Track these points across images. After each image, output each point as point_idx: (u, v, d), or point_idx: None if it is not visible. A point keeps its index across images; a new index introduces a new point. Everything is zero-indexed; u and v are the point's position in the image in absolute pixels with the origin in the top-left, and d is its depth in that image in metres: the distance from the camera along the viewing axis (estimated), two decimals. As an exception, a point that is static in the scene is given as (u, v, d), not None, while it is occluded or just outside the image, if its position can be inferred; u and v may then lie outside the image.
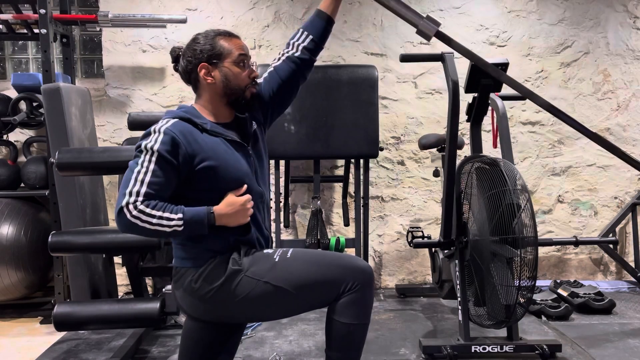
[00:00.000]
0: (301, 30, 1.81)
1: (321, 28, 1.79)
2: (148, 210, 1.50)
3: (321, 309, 1.68)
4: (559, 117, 1.69)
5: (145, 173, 1.52)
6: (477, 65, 2.16)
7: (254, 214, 1.68)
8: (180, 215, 1.52)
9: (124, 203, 1.49)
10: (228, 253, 1.62)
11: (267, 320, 2.57)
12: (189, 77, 1.71)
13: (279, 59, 1.82)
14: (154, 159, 1.53)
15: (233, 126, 1.73)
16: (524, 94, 1.62)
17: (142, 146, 1.55)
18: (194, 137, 1.60)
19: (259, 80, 1.79)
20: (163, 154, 1.53)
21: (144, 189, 1.51)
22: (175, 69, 1.76)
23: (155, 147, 1.53)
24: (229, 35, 1.70)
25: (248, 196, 1.62)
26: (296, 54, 1.79)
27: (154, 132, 1.57)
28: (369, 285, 1.62)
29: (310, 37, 1.79)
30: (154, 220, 1.50)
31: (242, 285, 1.58)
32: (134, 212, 1.49)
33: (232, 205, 1.59)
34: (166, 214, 1.51)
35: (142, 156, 1.54)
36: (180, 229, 1.52)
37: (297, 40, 1.80)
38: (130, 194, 1.50)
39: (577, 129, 1.72)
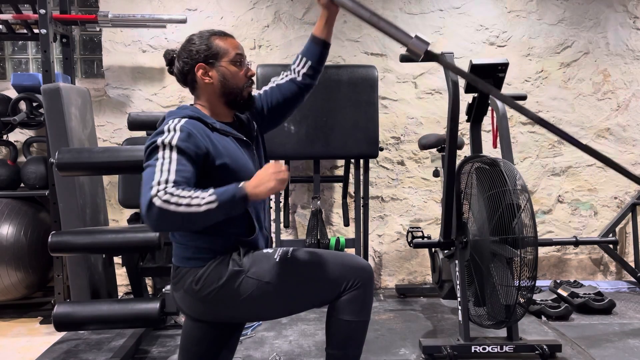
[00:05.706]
0: (300, 56, 1.83)
1: (318, 53, 1.81)
2: (177, 191, 1.39)
3: (321, 308, 1.68)
4: (550, 129, 1.68)
5: (170, 163, 1.44)
6: (467, 80, 2.17)
7: (257, 215, 1.67)
8: (211, 192, 1.42)
9: (152, 193, 1.38)
10: (228, 253, 1.61)
11: (268, 319, 2.57)
12: (186, 78, 1.70)
13: (282, 78, 1.84)
14: (174, 151, 1.46)
15: (236, 126, 1.73)
16: (513, 107, 1.61)
17: (159, 142, 1.48)
18: (207, 135, 1.56)
19: (254, 93, 1.79)
20: (183, 148, 1.47)
21: (172, 177, 1.42)
22: (170, 72, 1.75)
23: (174, 142, 1.47)
24: (223, 34, 1.69)
25: (280, 164, 1.51)
26: (298, 79, 1.82)
27: (168, 130, 1.51)
28: (369, 282, 1.63)
29: (309, 63, 1.81)
30: (184, 201, 1.38)
31: (244, 286, 1.58)
32: (164, 197, 1.37)
33: (261, 174, 1.49)
34: (196, 194, 1.41)
35: (161, 151, 1.46)
36: (214, 205, 1.40)
37: (297, 66, 1.83)
38: (159, 183, 1.40)
39: (569, 141, 1.71)
